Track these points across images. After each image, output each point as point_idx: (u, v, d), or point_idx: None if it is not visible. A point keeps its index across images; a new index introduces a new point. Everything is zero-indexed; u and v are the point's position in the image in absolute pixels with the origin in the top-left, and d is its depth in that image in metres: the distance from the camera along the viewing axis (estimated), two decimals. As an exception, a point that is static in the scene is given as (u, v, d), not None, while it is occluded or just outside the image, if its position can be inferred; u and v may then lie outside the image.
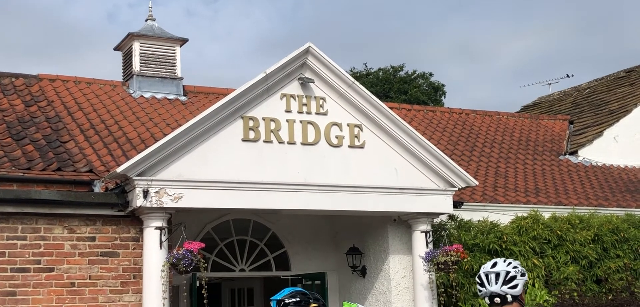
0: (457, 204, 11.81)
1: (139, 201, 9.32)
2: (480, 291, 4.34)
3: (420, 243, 11.08)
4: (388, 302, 11.37)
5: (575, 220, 12.73)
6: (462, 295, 11.33)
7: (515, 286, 4.24)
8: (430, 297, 10.92)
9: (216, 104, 9.93)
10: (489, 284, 4.28)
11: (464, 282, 11.45)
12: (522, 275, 4.27)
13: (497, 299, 4.25)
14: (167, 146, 9.49)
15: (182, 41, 14.61)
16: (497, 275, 4.26)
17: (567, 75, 24.61)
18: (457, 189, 11.28)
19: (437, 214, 11.38)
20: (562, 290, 11.04)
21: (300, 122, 10.44)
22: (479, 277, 4.33)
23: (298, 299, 4.94)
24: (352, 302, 4.56)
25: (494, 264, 4.31)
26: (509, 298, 4.24)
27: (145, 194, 9.32)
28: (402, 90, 31.60)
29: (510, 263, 4.29)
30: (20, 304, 9.17)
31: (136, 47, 14.10)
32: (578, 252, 12.37)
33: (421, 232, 11.11)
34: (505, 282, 4.25)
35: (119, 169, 9.30)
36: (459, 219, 12.18)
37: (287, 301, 4.93)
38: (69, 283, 9.43)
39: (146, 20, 14.81)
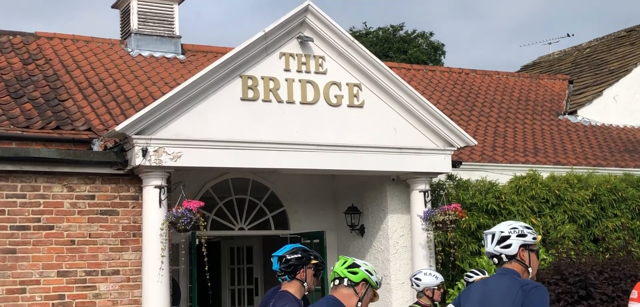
0: (455, 164, 11.83)
1: (137, 160, 9.33)
2: (485, 250, 4.44)
3: (418, 202, 11.11)
4: (386, 261, 11.45)
5: (573, 180, 12.77)
6: (459, 254, 11.40)
7: (508, 246, 4.26)
8: (428, 256, 10.98)
9: (214, 62, 9.90)
10: (486, 244, 4.34)
11: (461, 241, 11.51)
12: (520, 236, 4.27)
13: (495, 259, 4.30)
14: (166, 105, 9.47)
15: (180, -1, 14.52)
16: (493, 236, 4.29)
17: (568, 35, 24.62)
18: (456, 148, 11.29)
19: (436, 174, 11.41)
20: (559, 249, 11.10)
21: (299, 81, 10.41)
22: (484, 237, 4.40)
23: (299, 255, 4.98)
24: (349, 257, 4.58)
25: (497, 225, 4.38)
26: (504, 258, 4.28)
27: (144, 152, 9.33)
28: (402, 49, 31.48)
29: (510, 225, 4.31)
30: (21, 262, 9.23)
31: (134, 5, 14.01)
32: (576, 212, 12.43)
33: (420, 191, 11.14)
34: (498, 243, 4.28)
35: (118, 128, 9.30)
36: (457, 179, 12.21)
37: (288, 257, 4.96)
38: (69, 241, 9.48)
39: (144, -23, 14.68)
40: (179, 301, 11.18)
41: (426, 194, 11.13)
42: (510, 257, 4.26)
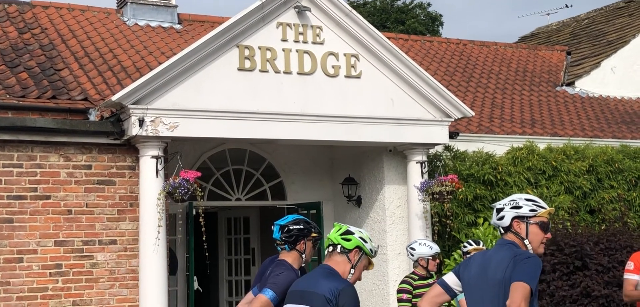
0: (452, 135, 11.82)
1: (134, 130, 9.31)
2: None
3: (415, 173, 11.12)
4: (383, 232, 11.48)
5: (570, 151, 12.78)
6: (456, 225, 11.43)
7: (501, 218, 4.34)
8: (424, 227, 11.01)
9: (211, 32, 9.85)
10: (492, 218, 4.45)
11: (458, 212, 11.53)
12: (514, 207, 4.30)
13: (501, 229, 4.40)
14: (162, 75, 9.44)
15: (177, -32, 14.41)
16: (497, 210, 4.40)
17: (566, 5, 24.46)
18: (453, 119, 11.28)
19: (433, 145, 11.41)
20: (555, 220, 11.13)
21: (297, 51, 10.37)
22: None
23: (301, 226, 5.01)
24: (343, 224, 4.59)
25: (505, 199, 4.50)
26: (501, 230, 4.36)
27: (141, 122, 9.31)
28: (400, 20, 31.35)
29: (511, 197, 4.41)
30: (18, 231, 9.24)
31: (130, -27, 13.90)
32: (572, 183, 12.45)
33: (416, 162, 11.15)
34: (495, 214, 4.39)
35: (114, 98, 9.27)
36: (454, 150, 12.21)
37: (291, 227, 4.99)
38: (66, 210, 9.49)
39: (140, -54, 14.56)
40: (176, 271, 11.22)
41: (423, 165, 11.13)
42: (506, 229, 4.32)
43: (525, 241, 4.29)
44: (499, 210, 4.37)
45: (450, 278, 4.45)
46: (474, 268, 4.36)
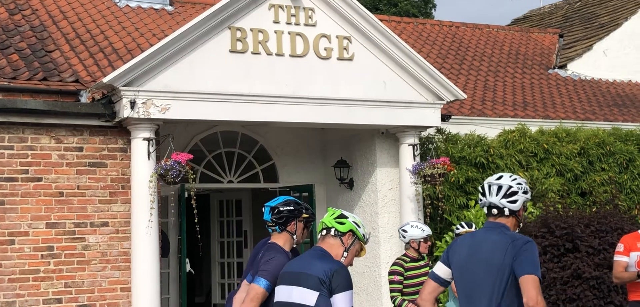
0: (445, 118, 11.83)
1: (126, 112, 9.28)
2: (480, 200, 4.33)
3: (407, 156, 11.13)
4: (374, 214, 11.50)
5: (562, 133, 12.81)
6: (448, 207, 11.46)
7: (514, 201, 4.22)
8: (416, 209, 11.03)
9: (203, 14, 9.80)
10: (489, 194, 4.26)
11: (450, 194, 11.56)
12: (525, 192, 4.25)
13: (495, 211, 4.25)
14: (154, 56, 9.40)
15: (169, -51, 14.33)
16: (499, 188, 4.24)
17: (559, -12, 24.37)
18: (445, 102, 11.28)
19: (425, 128, 11.41)
20: (546, 202, 11.17)
21: (289, 33, 10.34)
22: (482, 187, 4.32)
23: (292, 207, 5.00)
24: (337, 209, 4.60)
25: (499, 177, 4.29)
26: (506, 212, 4.25)
27: (132, 104, 9.28)
28: (392, 2, 31.25)
29: (515, 179, 4.27)
30: (9, 213, 9.22)
31: (121, -45, 13.80)
32: (564, 165, 12.49)
33: (409, 145, 11.16)
34: (505, 196, 4.23)
35: (106, 79, 9.23)
36: (446, 133, 12.22)
37: (281, 209, 4.98)
38: (58, 193, 9.47)
39: None
40: (168, 253, 11.23)
41: (415, 147, 11.14)
42: (512, 212, 4.24)
43: (521, 224, 4.30)
44: (513, 193, 4.22)
45: (440, 269, 4.41)
46: (464, 251, 4.33)
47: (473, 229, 7.78)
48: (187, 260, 11.70)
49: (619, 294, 9.54)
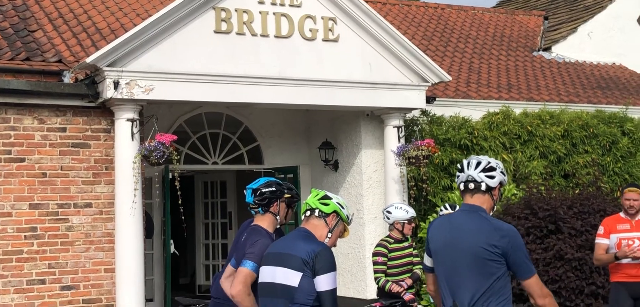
0: (429, 100, 11.85)
1: (109, 92, 9.23)
2: (458, 176, 4.29)
3: (392, 138, 11.15)
4: (359, 196, 11.52)
5: (545, 116, 12.87)
6: (432, 189, 11.50)
7: (492, 177, 4.21)
8: (401, 191, 11.07)
9: (187, -6, 9.74)
10: (468, 168, 4.24)
11: (434, 176, 11.60)
12: (502, 173, 4.26)
13: (471, 185, 4.23)
14: (138, 37, 9.34)
15: None
16: (479, 162, 4.24)
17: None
18: (430, 84, 11.29)
19: (410, 109, 11.43)
20: (529, 184, 11.22)
21: (274, 14, 10.29)
22: (460, 164, 4.31)
23: (274, 188, 4.98)
24: (321, 190, 4.59)
25: (480, 157, 4.32)
26: (483, 186, 4.21)
27: (116, 85, 9.22)
28: (378, -17, 31.19)
29: (496, 161, 4.31)
30: (-8, 195, 9.17)
31: None
32: (547, 148, 12.55)
33: (393, 127, 11.17)
34: (484, 170, 4.22)
35: (89, 59, 9.17)
36: (431, 115, 12.24)
37: (263, 190, 4.96)
38: (41, 173, 9.41)
39: None
40: (152, 234, 11.21)
41: (400, 129, 11.16)
42: (488, 189, 4.24)
43: (495, 207, 4.30)
44: (492, 168, 4.23)
45: (428, 259, 4.40)
46: (442, 235, 4.28)
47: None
48: (172, 241, 11.68)
49: (601, 275, 9.62)
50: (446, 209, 7.92)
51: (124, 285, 9.38)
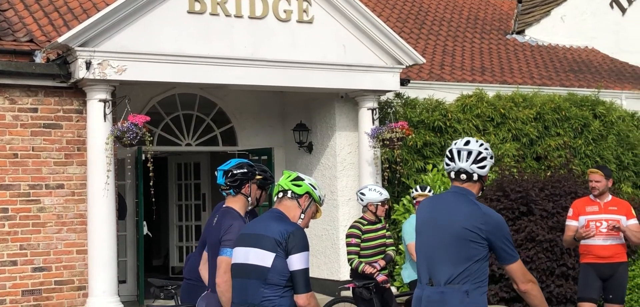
0: (404, 82, 11.88)
1: (81, 73, 9.14)
2: (447, 164, 4.33)
3: (366, 120, 11.17)
4: (333, 178, 11.54)
5: (518, 98, 12.96)
6: (406, 171, 11.56)
7: (483, 167, 4.29)
8: (374, 173, 11.11)
9: (161, -26, 9.65)
10: (459, 160, 4.29)
11: (408, 158, 11.65)
12: (491, 158, 4.33)
13: (464, 176, 4.30)
14: (110, 16, 9.25)
15: None
16: (469, 153, 4.28)
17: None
18: (404, 66, 11.32)
19: (384, 92, 11.45)
20: (502, 166, 11.33)
21: (248, -5, 10.23)
22: (449, 152, 4.33)
23: (245, 170, 4.96)
24: (293, 171, 4.60)
25: (467, 142, 4.32)
26: (475, 177, 4.29)
27: (88, 65, 9.13)
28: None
29: (482, 144, 4.31)
30: (-39, 176, 9.06)
31: None
32: (520, 130, 12.65)
33: (368, 109, 11.19)
34: (475, 161, 4.27)
35: (61, 39, 9.07)
36: (405, 97, 12.28)
37: (235, 172, 4.95)
38: (12, 154, 9.32)
39: None
40: (124, 216, 11.15)
41: (374, 111, 11.18)
42: (480, 177, 4.31)
43: (483, 189, 4.37)
44: (482, 158, 4.27)
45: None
46: (424, 213, 4.38)
47: (427, 192, 7.85)
48: (145, 223, 11.63)
49: (572, 256, 9.75)
50: (417, 191, 7.99)
51: (97, 266, 9.34)
